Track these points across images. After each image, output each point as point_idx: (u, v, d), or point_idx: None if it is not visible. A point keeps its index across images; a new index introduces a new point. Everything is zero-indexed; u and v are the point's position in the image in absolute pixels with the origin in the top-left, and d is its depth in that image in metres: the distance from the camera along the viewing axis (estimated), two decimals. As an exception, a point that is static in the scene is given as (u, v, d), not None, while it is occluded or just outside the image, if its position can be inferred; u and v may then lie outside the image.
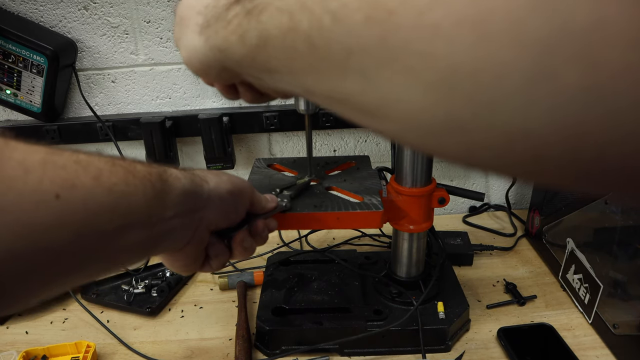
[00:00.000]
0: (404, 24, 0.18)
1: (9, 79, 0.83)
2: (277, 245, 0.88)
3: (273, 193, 0.57)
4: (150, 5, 0.84)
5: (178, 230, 0.39)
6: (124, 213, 0.32)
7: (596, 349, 0.64)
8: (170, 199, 0.37)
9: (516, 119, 0.17)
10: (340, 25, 0.20)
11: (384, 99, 0.20)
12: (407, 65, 0.18)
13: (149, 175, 0.35)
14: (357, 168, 0.69)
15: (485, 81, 0.17)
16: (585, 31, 0.14)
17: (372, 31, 0.19)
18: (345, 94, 0.23)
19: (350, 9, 0.20)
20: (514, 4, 0.15)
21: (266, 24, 0.26)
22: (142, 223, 0.34)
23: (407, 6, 0.18)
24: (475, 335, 0.67)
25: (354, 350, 0.64)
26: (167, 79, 0.90)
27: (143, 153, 0.89)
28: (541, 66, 0.15)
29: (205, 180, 0.43)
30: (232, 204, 0.45)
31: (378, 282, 0.70)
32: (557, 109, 0.16)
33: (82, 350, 0.64)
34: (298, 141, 0.96)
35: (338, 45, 0.21)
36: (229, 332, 0.68)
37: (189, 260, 0.44)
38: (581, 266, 0.69)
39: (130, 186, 0.33)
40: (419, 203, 0.61)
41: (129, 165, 0.34)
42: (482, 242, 0.86)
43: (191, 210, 0.40)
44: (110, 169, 0.32)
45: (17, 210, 0.25)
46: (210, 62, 0.36)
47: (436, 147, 0.21)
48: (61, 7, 0.84)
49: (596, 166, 0.16)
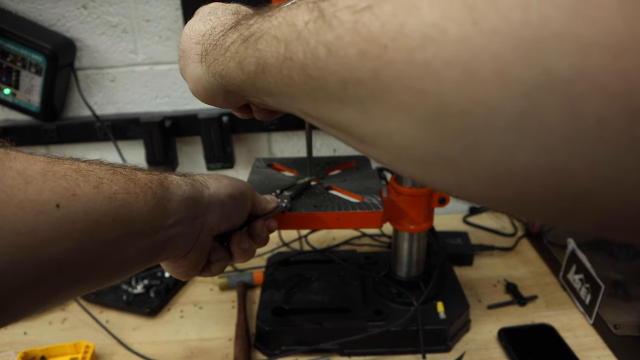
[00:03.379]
0: (396, 60, 0.18)
1: (7, 78, 0.83)
2: (277, 245, 0.88)
3: (273, 194, 0.57)
4: (150, 4, 0.84)
5: (180, 237, 0.39)
6: (125, 222, 0.32)
7: (597, 349, 0.63)
8: (172, 206, 0.37)
9: (501, 158, 0.17)
10: (334, 58, 0.21)
11: (378, 130, 0.21)
12: (400, 100, 0.19)
13: (150, 183, 0.35)
14: (357, 168, 0.69)
15: (473, 120, 0.17)
16: (569, 81, 0.15)
17: (366, 65, 0.20)
18: (342, 122, 0.23)
19: (344, 43, 0.20)
20: (502, 48, 0.16)
21: (263, 52, 0.26)
22: (143, 231, 0.34)
23: (400, 43, 0.18)
24: (475, 335, 0.67)
25: (354, 350, 0.64)
26: (167, 78, 0.90)
27: (142, 153, 0.89)
28: (526, 110, 0.16)
29: (206, 185, 0.42)
30: (233, 208, 0.45)
31: (378, 282, 0.69)
32: (540, 152, 0.16)
33: (81, 350, 0.64)
34: (298, 141, 0.96)
35: (333, 77, 0.21)
36: (229, 333, 0.68)
37: (191, 266, 0.43)
38: (582, 266, 0.69)
39: (132, 194, 0.32)
40: (419, 203, 0.61)
41: (130, 173, 0.34)
42: (482, 242, 0.86)
43: (193, 217, 0.40)
44: (111, 177, 0.31)
45: (17, 220, 0.25)
46: (214, 88, 0.37)
47: (428, 179, 0.21)
48: (60, 5, 0.83)
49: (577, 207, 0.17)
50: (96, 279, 0.32)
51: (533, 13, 0.15)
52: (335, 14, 0.21)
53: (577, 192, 0.16)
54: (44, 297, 0.29)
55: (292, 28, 0.24)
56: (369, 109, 0.21)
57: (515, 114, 0.16)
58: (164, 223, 0.36)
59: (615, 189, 0.15)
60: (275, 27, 0.25)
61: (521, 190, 0.18)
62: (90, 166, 0.31)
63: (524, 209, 0.19)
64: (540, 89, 0.15)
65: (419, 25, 0.17)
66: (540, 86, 0.15)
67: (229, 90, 0.35)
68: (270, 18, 0.26)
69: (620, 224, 0.16)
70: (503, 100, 0.16)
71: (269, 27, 0.26)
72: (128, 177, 0.33)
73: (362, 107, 0.21)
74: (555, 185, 0.16)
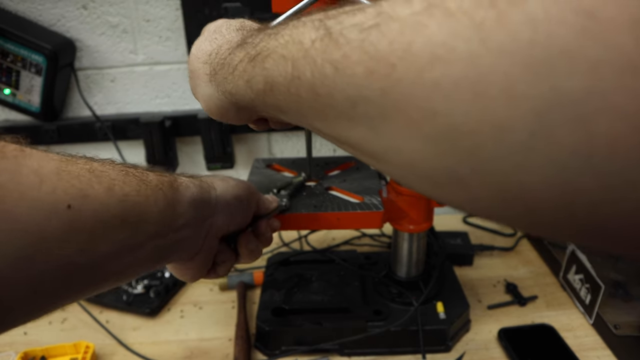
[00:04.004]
0: (404, 79, 0.18)
1: (7, 78, 0.83)
2: (277, 245, 0.88)
3: (271, 193, 0.57)
4: (150, 4, 0.84)
5: (188, 239, 0.39)
6: (135, 223, 0.31)
7: (597, 349, 0.63)
8: (181, 208, 0.37)
9: (512, 176, 0.17)
10: (342, 77, 0.21)
11: (388, 147, 0.21)
12: (409, 119, 0.19)
13: (161, 185, 0.35)
14: (356, 168, 0.69)
15: (483, 139, 0.17)
16: (580, 100, 0.15)
17: (374, 84, 0.20)
18: (352, 139, 0.23)
19: (351, 61, 0.20)
20: (510, 67, 0.16)
21: (271, 71, 0.26)
22: (153, 233, 0.34)
23: (408, 62, 0.18)
24: (475, 335, 0.67)
25: (354, 350, 0.64)
26: (167, 79, 0.90)
27: (142, 153, 0.89)
28: (536, 128, 0.16)
29: (213, 186, 0.43)
30: (239, 209, 0.45)
31: (378, 282, 0.69)
32: (552, 169, 0.16)
33: (81, 350, 0.64)
34: (298, 141, 0.96)
35: (341, 95, 0.21)
36: (229, 333, 0.68)
37: (198, 268, 0.43)
38: (582, 266, 0.69)
39: (142, 196, 0.32)
40: (419, 203, 0.61)
41: (141, 174, 0.34)
42: (482, 242, 0.86)
43: (201, 219, 0.40)
44: (123, 178, 0.31)
45: (29, 220, 0.24)
46: (226, 106, 0.37)
47: (438, 196, 0.21)
48: (60, 6, 0.83)
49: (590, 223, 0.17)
50: (104, 280, 0.32)
51: (540, 31, 0.15)
52: (342, 32, 0.21)
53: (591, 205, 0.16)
54: (50, 299, 0.28)
55: (298, 46, 0.24)
56: (379, 127, 0.21)
57: (525, 133, 0.16)
58: (173, 225, 0.36)
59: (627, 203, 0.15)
60: (282, 45, 0.25)
61: (533, 207, 0.17)
62: (103, 166, 0.31)
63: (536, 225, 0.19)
64: (549, 107, 0.15)
65: (427, 44, 0.17)
66: (549, 105, 0.15)
67: (241, 107, 0.36)
68: (276, 36, 0.26)
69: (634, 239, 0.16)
70: (512, 119, 0.16)
71: (275, 45, 0.26)
72: (140, 179, 0.33)
73: (371, 124, 0.21)
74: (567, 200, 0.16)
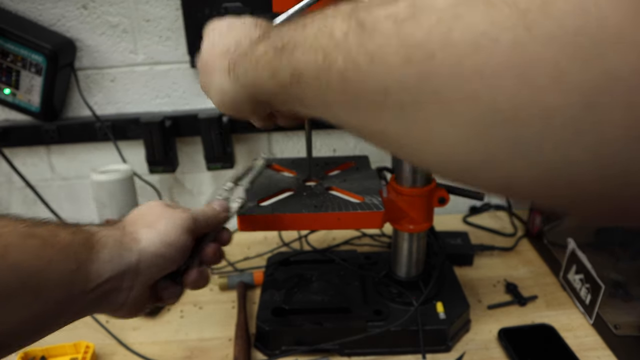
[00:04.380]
0: (444, 67, 0.18)
1: (7, 78, 0.83)
2: (277, 245, 0.88)
3: (220, 197, 0.51)
4: (150, 4, 0.84)
5: (110, 294, 0.38)
6: (36, 290, 0.31)
7: (597, 349, 0.63)
8: (96, 267, 0.36)
9: (558, 160, 0.17)
10: (377, 66, 0.21)
11: (421, 136, 0.21)
12: (447, 106, 0.19)
13: (71, 245, 0.34)
14: (356, 168, 0.69)
15: (527, 124, 0.17)
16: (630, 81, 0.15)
17: (411, 72, 0.20)
18: (380, 128, 0.23)
19: (388, 52, 0.20)
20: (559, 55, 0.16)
21: (299, 62, 0.26)
22: (63, 297, 0.33)
23: (448, 50, 0.18)
24: (475, 335, 0.67)
25: (354, 350, 0.64)
26: (167, 78, 0.90)
27: (142, 153, 0.89)
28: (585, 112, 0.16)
29: (136, 239, 0.41)
30: (169, 256, 0.42)
31: (378, 282, 0.69)
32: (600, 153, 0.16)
33: (81, 350, 0.64)
34: (298, 141, 0.96)
35: (374, 84, 0.21)
36: (229, 333, 0.68)
37: (131, 313, 0.43)
38: (582, 266, 0.68)
39: (44, 260, 0.31)
40: (419, 203, 0.61)
41: (50, 234, 0.33)
42: (482, 242, 0.86)
43: (120, 275, 0.39)
44: (22, 243, 0.30)
45: None
46: (243, 99, 0.37)
47: (474, 182, 0.22)
48: (60, 5, 0.83)
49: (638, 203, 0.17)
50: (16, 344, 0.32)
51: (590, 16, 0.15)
52: (376, 24, 0.21)
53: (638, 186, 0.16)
54: None
55: (329, 38, 0.24)
56: (413, 115, 0.21)
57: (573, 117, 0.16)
58: (85, 287, 0.35)
59: None
60: (312, 37, 0.25)
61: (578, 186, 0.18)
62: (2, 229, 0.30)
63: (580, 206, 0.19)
64: (600, 91, 0.15)
65: (467, 32, 0.17)
66: (600, 89, 0.15)
67: (259, 100, 0.35)
68: (304, 28, 0.26)
69: None
70: (561, 105, 0.16)
71: (303, 37, 0.26)
72: (45, 241, 0.32)
73: (404, 113, 0.21)
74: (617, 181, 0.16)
